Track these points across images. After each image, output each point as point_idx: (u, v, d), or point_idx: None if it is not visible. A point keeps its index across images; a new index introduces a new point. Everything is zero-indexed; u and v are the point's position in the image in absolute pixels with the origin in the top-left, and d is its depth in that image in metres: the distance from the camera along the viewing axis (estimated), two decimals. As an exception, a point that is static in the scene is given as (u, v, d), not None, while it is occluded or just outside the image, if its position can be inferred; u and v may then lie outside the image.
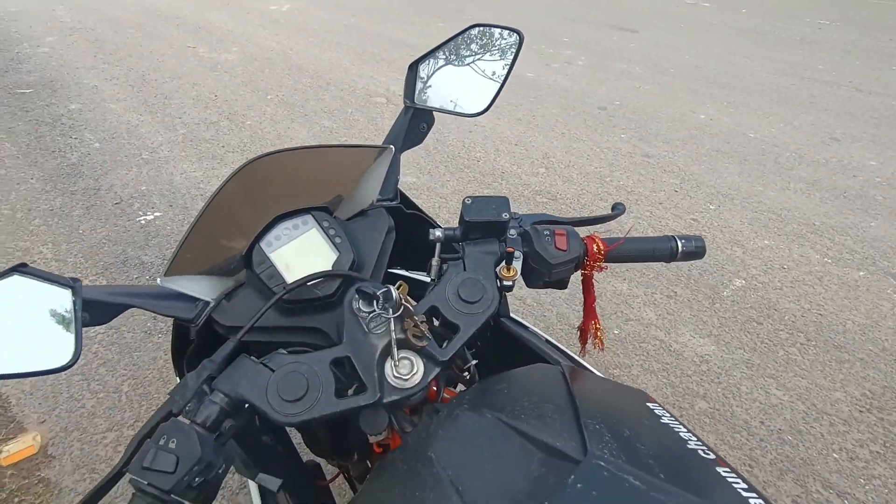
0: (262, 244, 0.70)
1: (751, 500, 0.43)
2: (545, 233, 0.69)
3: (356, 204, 0.78)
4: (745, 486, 0.45)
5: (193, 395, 0.55)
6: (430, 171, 3.15)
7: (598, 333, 0.79)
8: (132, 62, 4.76)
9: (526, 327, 0.82)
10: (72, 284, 0.58)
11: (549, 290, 0.79)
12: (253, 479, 0.61)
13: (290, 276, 0.70)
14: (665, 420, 0.53)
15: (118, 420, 1.67)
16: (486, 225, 0.68)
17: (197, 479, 0.49)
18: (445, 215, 2.79)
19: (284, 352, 0.60)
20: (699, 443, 0.50)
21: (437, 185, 3.01)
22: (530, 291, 2.25)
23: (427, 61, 0.82)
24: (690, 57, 5.34)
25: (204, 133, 3.52)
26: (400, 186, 0.84)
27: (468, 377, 0.72)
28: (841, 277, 2.35)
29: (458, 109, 0.81)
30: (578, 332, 0.81)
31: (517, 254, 0.66)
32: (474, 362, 0.70)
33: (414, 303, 0.62)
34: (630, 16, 6.90)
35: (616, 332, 2.06)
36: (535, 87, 4.46)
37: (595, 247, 0.70)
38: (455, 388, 0.82)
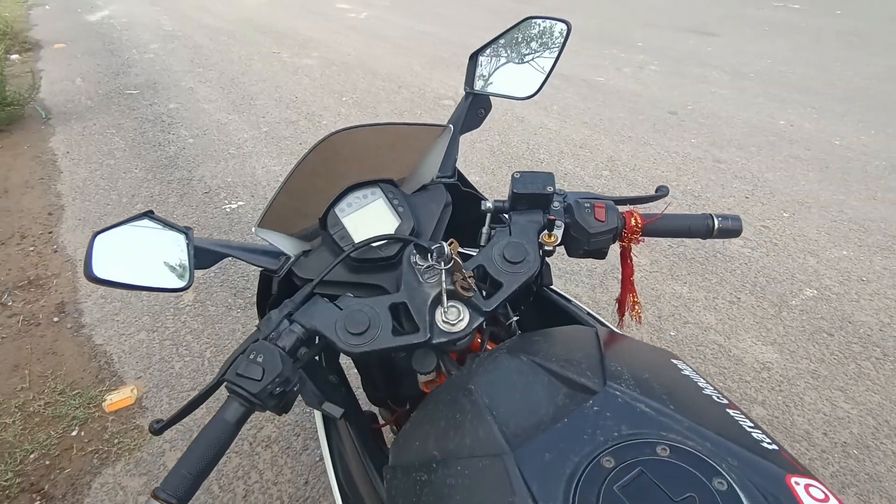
0: (336, 209, 0.81)
1: (754, 434, 0.47)
2: (586, 205, 0.75)
3: (418, 179, 0.87)
4: (751, 423, 0.49)
5: (276, 326, 0.66)
6: (493, 170, 3.23)
7: (636, 307, 0.83)
8: (223, 66, 5.18)
9: (568, 300, 0.88)
10: (185, 231, 0.71)
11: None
12: (318, 408, 0.71)
13: (358, 238, 0.80)
14: (686, 372, 0.58)
15: (200, 381, 1.87)
16: (531, 197, 0.74)
17: (277, 389, 0.60)
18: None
19: (351, 295, 0.69)
20: (716, 391, 0.55)
21: (499, 184, 3.08)
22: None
23: (486, 51, 0.90)
24: (773, 61, 5.10)
25: (284, 131, 3.78)
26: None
27: (510, 334, 0.79)
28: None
29: (511, 94, 0.89)
30: (616, 304, 0.85)
31: (558, 222, 0.72)
32: (516, 318, 0.77)
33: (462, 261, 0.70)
34: (710, 20, 6.67)
35: (673, 333, 2.04)
36: (603, 92, 4.43)
37: (633, 220, 0.75)
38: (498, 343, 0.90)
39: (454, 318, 0.66)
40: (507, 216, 0.76)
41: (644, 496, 0.41)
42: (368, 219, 0.82)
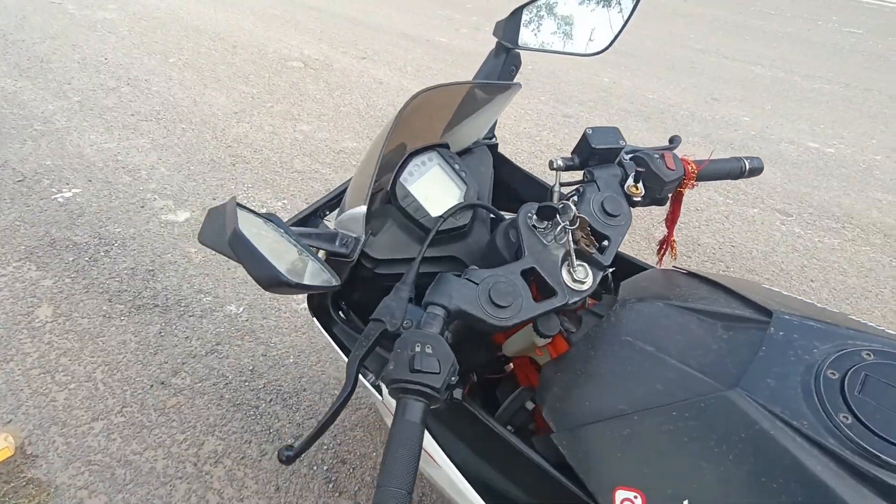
0: (401, 180, 0.73)
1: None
2: (656, 156, 0.80)
3: (463, 139, 0.83)
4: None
5: (405, 314, 0.60)
6: (367, 134, 3.12)
7: (674, 246, 0.93)
8: (-17, 19, 4.04)
9: None
10: (269, 217, 0.59)
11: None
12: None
13: (432, 208, 0.74)
14: (788, 293, 0.68)
15: (102, 408, 1.54)
16: (605, 151, 0.77)
17: (453, 378, 0.55)
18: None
19: (476, 268, 0.65)
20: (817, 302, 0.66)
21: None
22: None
23: (534, 5, 0.88)
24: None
25: (104, 100, 3.14)
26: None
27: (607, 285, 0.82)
28: (741, 215, 2.78)
29: (572, 50, 0.88)
30: (658, 245, 0.94)
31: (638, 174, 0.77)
32: (612, 269, 0.79)
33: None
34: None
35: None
36: (450, 52, 4.53)
37: (690, 167, 0.82)
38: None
39: (583, 277, 0.66)
40: (589, 172, 0.77)
41: (883, 394, 0.49)
42: (432, 186, 0.77)
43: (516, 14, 0.89)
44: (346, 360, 0.65)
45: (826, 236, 2.61)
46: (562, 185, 0.79)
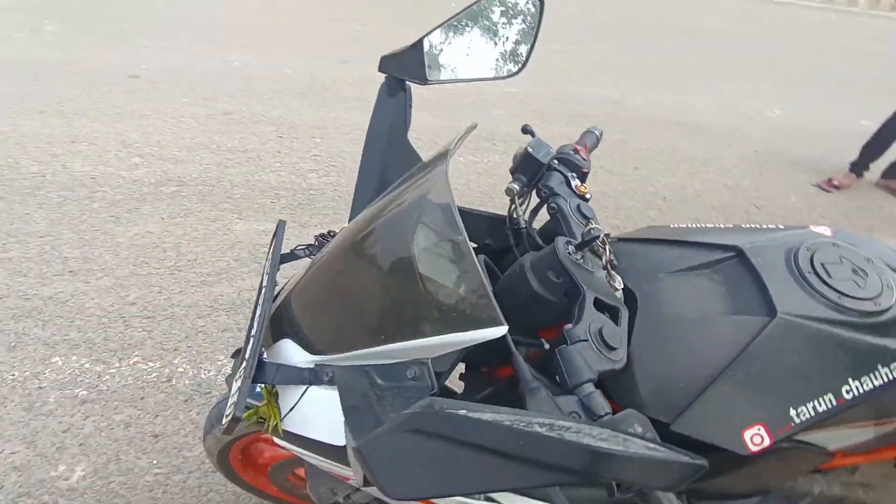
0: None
1: None
2: (570, 151, 0.90)
3: None
4: None
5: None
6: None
7: None
8: None
9: None
10: None
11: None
12: None
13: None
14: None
15: None
16: (535, 163, 0.84)
17: None
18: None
19: (568, 325, 0.65)
20: None
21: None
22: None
23: (437, 36, 0.80)
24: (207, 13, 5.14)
25: None
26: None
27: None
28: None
29: (484, 74, 0.86)
30: None
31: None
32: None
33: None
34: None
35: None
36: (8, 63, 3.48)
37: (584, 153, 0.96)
38: None
39: (620, 284, 0.75)
40: (546, 187, 0.83)
41: (838, 266, 0.75)
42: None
43: (417, 47, 0.82)
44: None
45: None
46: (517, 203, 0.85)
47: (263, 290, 0.79)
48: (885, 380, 0.72)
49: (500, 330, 0.55)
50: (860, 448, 0.90)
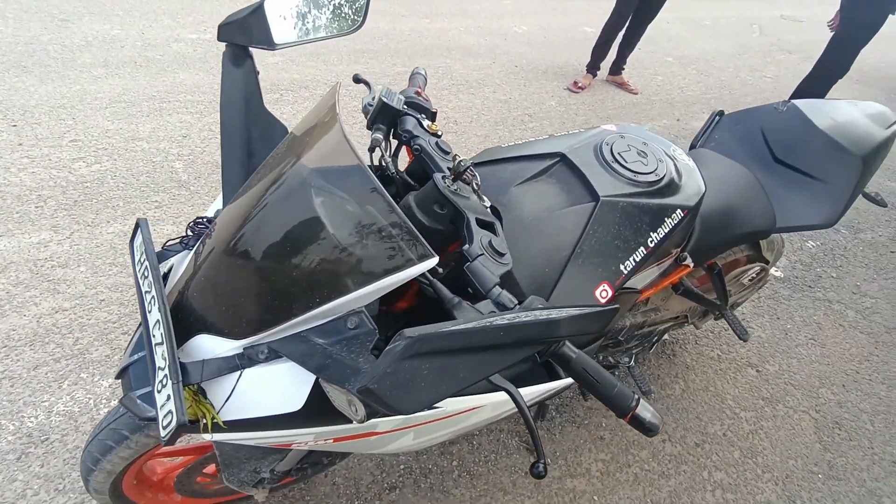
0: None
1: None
2: (414, 95, 0.94)
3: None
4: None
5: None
6: None
7: None
8: None
9: None
10: None
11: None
12: None
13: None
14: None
15: None
16: (391, 110, 0.89)
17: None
18: None
19: (469, 251, 0.73)
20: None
21: None
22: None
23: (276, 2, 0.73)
24: None
25: None
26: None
27: None
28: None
29: (329, 32, 0.81)
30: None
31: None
32: None
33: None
34: None
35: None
36: None
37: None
38: None
39: (487, 203, 0.85)
40: (405, 132, 0.87)
41: (627, 149, 0.98)
42: None
43: (259, 11, 0.75)
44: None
45: (279, 106, 3.11)
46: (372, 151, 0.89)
47: (152, 295, 0.74)
48: (670, 227, 1.01)
49: (432, 261, 0.64)
50: (652, 284, 1.24)
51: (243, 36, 0.82)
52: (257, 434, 0.77)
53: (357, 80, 1.03)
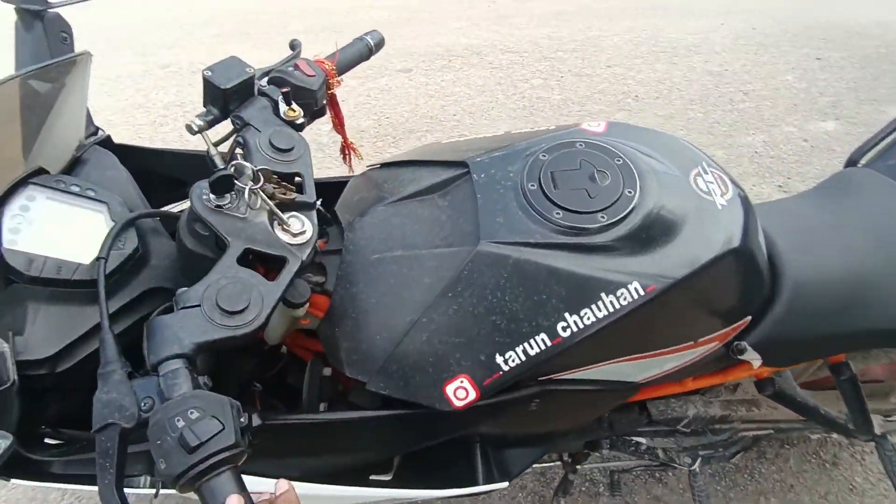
0: (5, 245, 0.56)
1: None
2: (290, 69, 0.75)
3: (59, 151, 0.67)
4: None
5: (136, 395, 0.48)
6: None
7: (354, 149, 0.93)
8: None
9: None
10: None
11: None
12: None
13: (77, 254, 0.60)
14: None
15: None
16: (240, 87, 0.68)
17: (241, 419, 0.48)
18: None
19: (184, 288, 0.53)
20: None
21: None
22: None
23: None
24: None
25: None
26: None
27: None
28: (376, 87, 3.00)
29: None
30: (341, 153, 0.93)
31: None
32: (321, 200, 0.68)
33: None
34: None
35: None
36: None
37: (326, 66, 0.79)
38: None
39: (300, 227, 0.60)
40: (237, 118, 0.68)
41: (568, 179, 0.64)
42: (58, 228, 0.61)
43: None
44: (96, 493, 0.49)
45: (441, 74, 3.03)
46: (215, 145, 0.70)
47: None
48: (610, 310, 0.59)
49: None
50: (677, 376, 0.78)
51: None
52: None
53: (293, 46, 0.85)
